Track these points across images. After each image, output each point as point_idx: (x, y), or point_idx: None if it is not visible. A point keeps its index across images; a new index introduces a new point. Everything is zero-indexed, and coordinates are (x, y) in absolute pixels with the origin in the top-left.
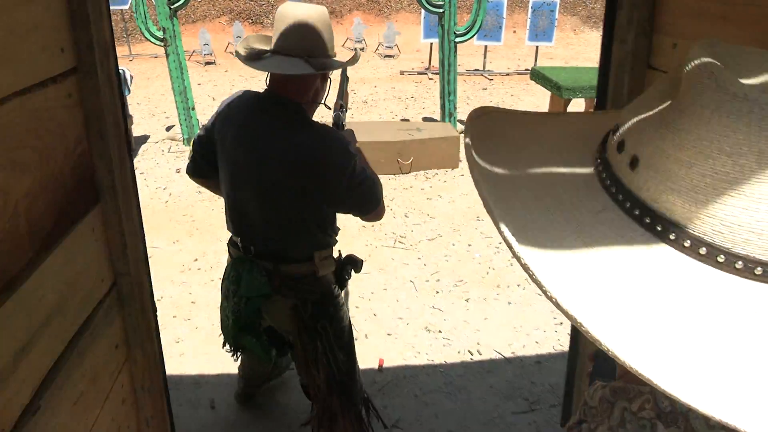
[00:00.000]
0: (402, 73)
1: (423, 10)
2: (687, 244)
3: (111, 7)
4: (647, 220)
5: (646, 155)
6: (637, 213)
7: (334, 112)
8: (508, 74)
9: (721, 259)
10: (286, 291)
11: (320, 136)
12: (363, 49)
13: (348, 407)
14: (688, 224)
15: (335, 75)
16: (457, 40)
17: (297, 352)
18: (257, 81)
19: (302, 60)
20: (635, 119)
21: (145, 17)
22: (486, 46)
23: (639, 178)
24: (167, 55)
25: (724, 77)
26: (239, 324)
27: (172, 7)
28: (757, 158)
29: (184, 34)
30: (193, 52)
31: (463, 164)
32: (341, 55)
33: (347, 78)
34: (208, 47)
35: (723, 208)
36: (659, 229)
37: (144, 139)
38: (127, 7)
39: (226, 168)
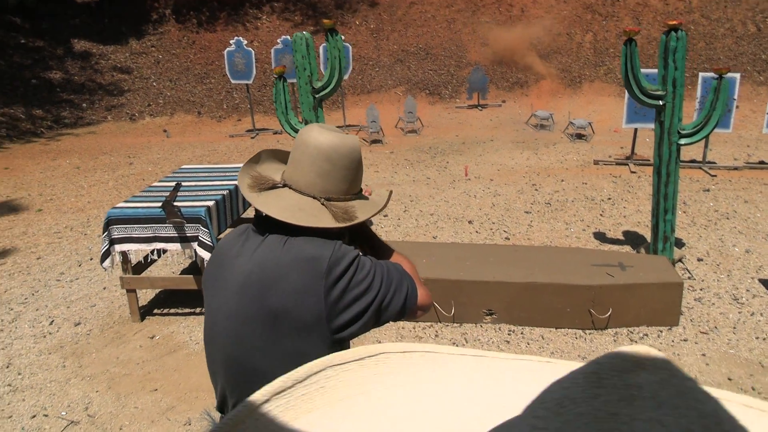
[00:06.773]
0: (596, 162)
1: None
2: None
3: (233, 81)
4: None
5: None
6: None
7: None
8: (736, 168)
9: None
10: None
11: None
12: (549, 128)
13: None
14: None
15: None
16: (682, 142)
17: None
18: (415, 165)
19: (318, 202)
20: None
21: (286, 108)
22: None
23: None
24: None
25: None
26: None
27: (316, 96)
28: None
29: (356, 105)
30: (360, 129)
31: (686, 322)
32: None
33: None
34: (375, 124)
35: None
36: None
37: None
38: (251, 81)
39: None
